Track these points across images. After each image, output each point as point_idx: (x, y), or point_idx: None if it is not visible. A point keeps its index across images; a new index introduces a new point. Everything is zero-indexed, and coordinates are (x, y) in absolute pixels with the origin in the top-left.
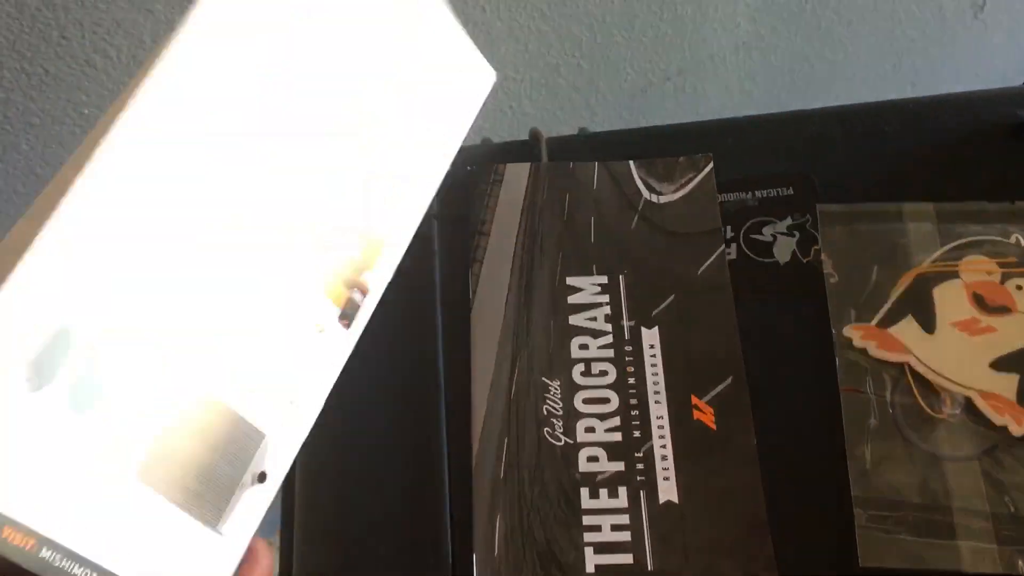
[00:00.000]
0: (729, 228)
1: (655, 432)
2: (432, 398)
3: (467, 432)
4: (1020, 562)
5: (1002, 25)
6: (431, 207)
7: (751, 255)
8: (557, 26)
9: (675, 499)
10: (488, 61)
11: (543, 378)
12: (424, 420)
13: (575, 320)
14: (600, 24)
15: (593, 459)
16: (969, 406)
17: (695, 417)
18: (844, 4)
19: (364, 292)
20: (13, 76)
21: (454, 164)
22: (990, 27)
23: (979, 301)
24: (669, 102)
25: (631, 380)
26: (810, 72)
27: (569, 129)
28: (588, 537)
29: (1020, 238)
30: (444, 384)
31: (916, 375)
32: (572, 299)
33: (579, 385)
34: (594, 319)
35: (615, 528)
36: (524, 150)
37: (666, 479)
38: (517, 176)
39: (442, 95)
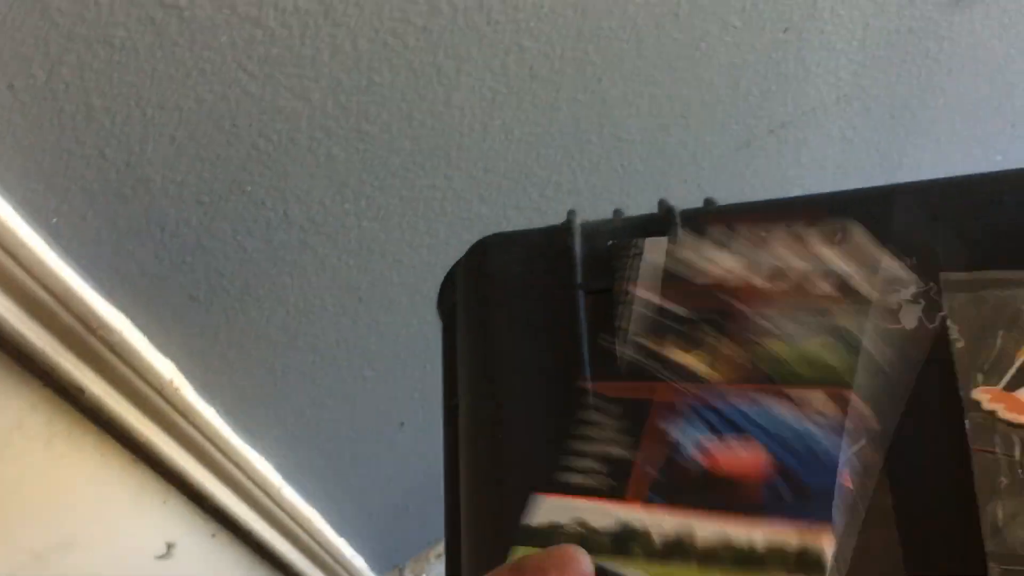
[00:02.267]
0: None
1: None
2: None
3: None
4: None
5: None
6: (575, 278)
7: None
8: (667, 89)
9: None
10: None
11: None
12: None
13: None
14: (708, 85)
15: None
16: None
17: None
18: (944, 52)
19: None
20: (189, 162)
21: (595, 239)
22: None
23: None
24: (772, 153)
25: None
26: (910, 119)
27: (676, 183)
28: None
29: None
30: None
31: None
32: None
33: None
34: None
35: None
36: (656, 221)
37: None
38: (655, 249)
39: None
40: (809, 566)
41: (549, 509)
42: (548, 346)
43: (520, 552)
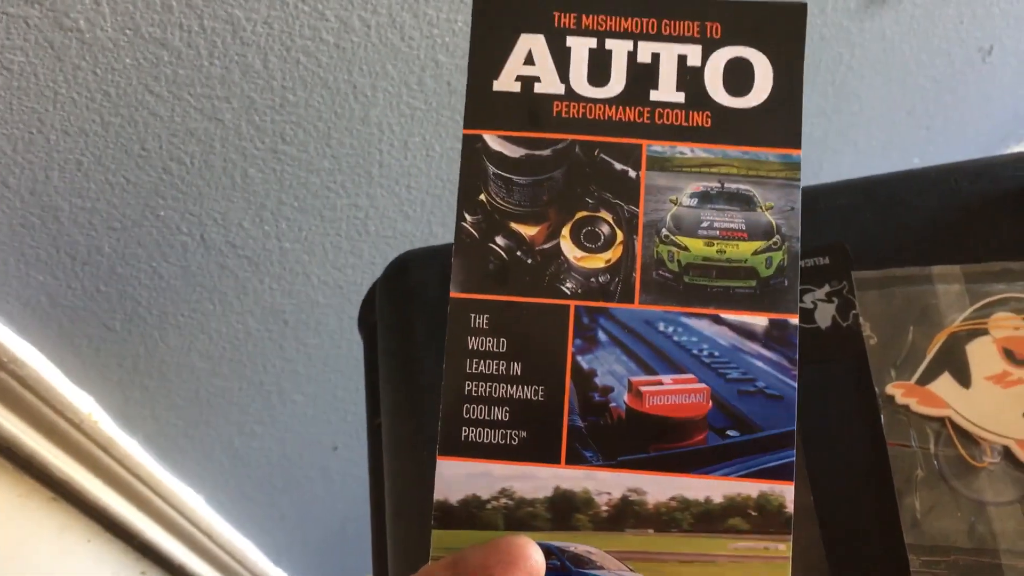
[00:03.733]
0: None
1: None
2: None
3: None
4: None
5: (1010, 66)
6: None
7: None
8: None
9: None
10: None
11: None
12: None
13: None
14: None
15: None
16: (1007, 454)
17: None
18: (856, 58)
19: None
20: (98, 187)
21: None
22: (999, 69)
23: (1009, 355)
24: None
25: None
26: (827, 124)
27: None
28: None
29: None
30: None
31: (957, 428)
32: None
33: None
34: None
35: None
36: None
37: None
38: None
39: None
40: (772, 516)
41: (464, 479)
42: None
43: (441, 537)
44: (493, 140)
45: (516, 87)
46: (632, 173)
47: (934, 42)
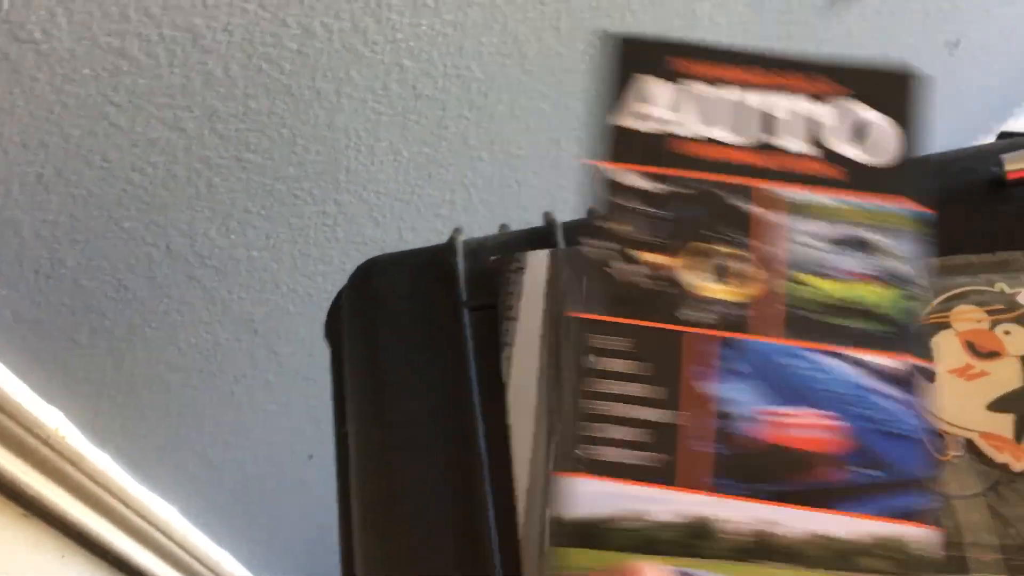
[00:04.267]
0: None
1: None
2: (476, 476)
3: (512, 506)
4: None
5: (977, 60)
6: (459, 296)
7: None
8: (556, 102)
9: None
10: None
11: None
12: (470, 497)
13: None
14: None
15: None
16: (971, 447)
17: None
18: (824, 50)
19: None
20: (60, 200)
21: (479, 255)
22: (966, 63)
23: (971, 348)
24: None
25: None
26: None
27: (571, 196)
28: None
29: (1004, 286)
30: (487, 463)
31: None
32: None
33: None
34: None
35: None
36: (541, 235)
37: None
38: (538, 262)
39: None
40: (912, 559)
41: (592, 497)
42: (436, 366)
43: (566, 557)
44: (621, 173)
45: (645, 126)
46: (765, 214)
47: (900, 37)
